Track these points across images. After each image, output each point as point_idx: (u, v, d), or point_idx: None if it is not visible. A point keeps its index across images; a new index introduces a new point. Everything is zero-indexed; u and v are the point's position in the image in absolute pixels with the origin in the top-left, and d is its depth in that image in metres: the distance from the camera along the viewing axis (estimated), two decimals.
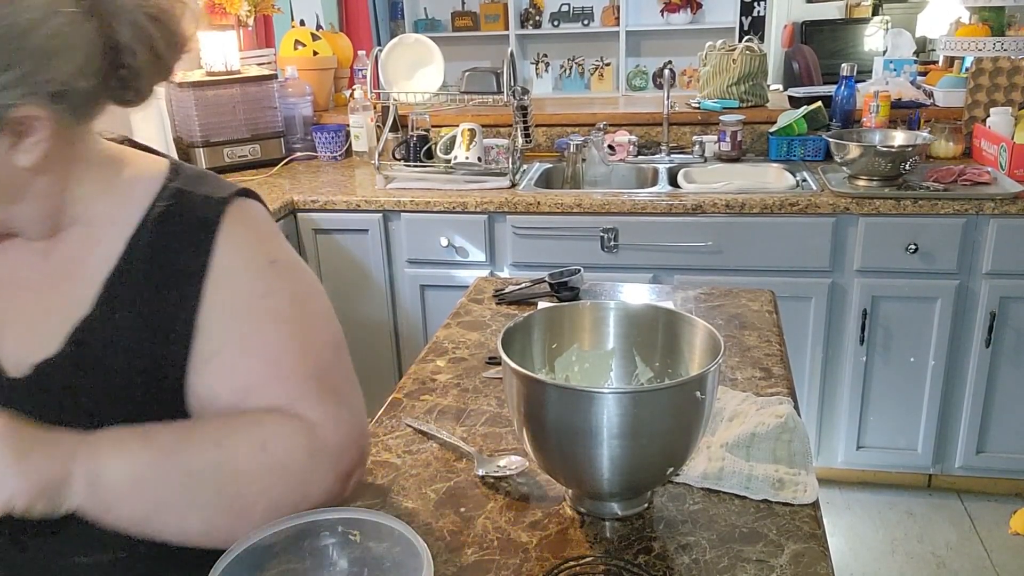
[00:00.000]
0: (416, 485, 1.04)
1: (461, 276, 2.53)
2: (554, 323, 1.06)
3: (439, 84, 2.58)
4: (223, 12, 2.93)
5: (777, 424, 1.06)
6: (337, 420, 0.80)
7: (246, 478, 0.75)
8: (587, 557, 0.89)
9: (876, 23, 5.43)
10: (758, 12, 4.98)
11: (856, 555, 2.34)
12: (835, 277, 2.37)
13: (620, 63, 5.32)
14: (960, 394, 2.43)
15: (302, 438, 0.78)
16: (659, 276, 2.42)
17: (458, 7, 5.47)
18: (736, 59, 2.91)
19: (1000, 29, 2.77)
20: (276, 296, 0.82)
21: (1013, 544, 2.35)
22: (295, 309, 0.83)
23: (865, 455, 2.54)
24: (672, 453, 0.89)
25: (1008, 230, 2.23)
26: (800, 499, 0.97)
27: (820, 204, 2.28)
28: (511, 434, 1.15)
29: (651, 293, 1.69)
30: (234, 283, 0.81)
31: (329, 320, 0.86)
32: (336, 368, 0.84)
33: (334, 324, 0.87)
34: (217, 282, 0.80)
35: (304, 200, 2.54)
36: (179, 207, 0.82)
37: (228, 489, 0.75)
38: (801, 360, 2.45)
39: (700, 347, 0.98)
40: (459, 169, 2.59)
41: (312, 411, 0.79)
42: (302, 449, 0.77)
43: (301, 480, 0.78)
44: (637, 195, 2.43)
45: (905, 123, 2.71)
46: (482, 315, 1.57)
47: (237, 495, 0.76)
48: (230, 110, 2.82)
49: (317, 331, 0.84)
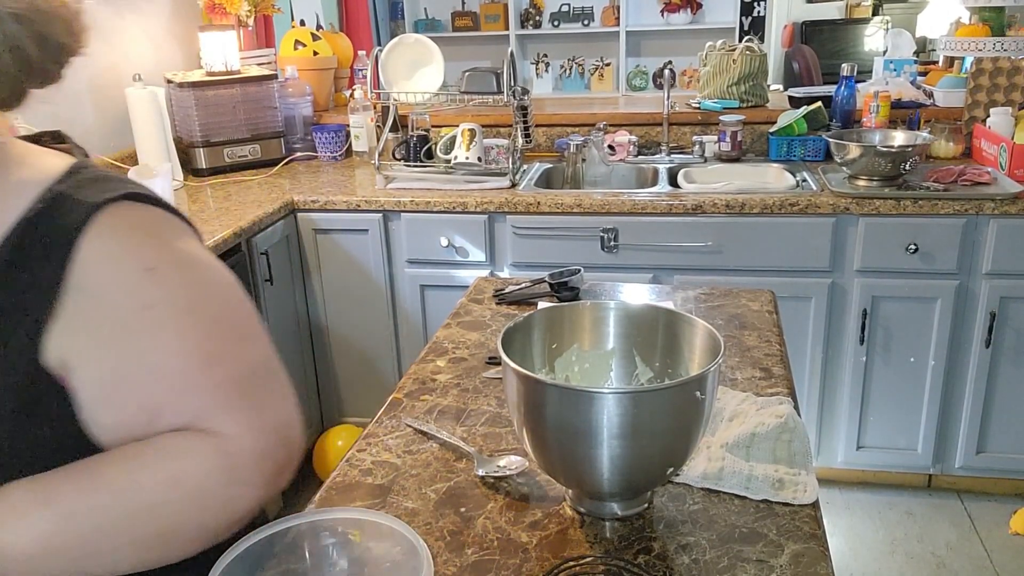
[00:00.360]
0: (416, 485, 1.04)
1: (461, 276, 2.53)
2: (554, 323, 1.06)
3: (439, 84, 2.58)
4: (223, 12, 2.93)
5: (777, 424, 1.06)
6: (252, 427, 0.75)
7: (163, 513, 0.72)
8: (587, 557, 0.89)
9: (876, 23, 5.43)
10: (758, 12, 4.98)
11: (856, 555, 2.34)
12: (835, 277, 2.37)
13: (620, 63, 5.32)
14: (960, 394, 2.43)
15: (215, 460, 0.73)
16: (659, 276, 2.42)
17: (458, 7, 5.47)
18: (736, 59, 2.91)
19: (1000, 29, 2.77)
20: (160, 306, 0.74)
21: (1013, 544, 2.35)
22: (187, 317, 0.75)
23: (865, 455, 2.54)
24: (672, 453, 0.89)
25: (1008, 230, 2.23)
26: (800, 499, 0.97)
27: (820, 204, 2.28)
28: (511, 434, 1.15)
29: (651, 293, 1.69)
30: (102, 300, 0.72)
31: (237, 318, 0.79)
32: (248, 368, 0.77)
33: (244, 321, 0.80)
34: (78, 301, 0.71)
35: (304, 200, 2.54)
36: (46, 215, 0.73)
37: (147, 529, 0.72)
38: (801, 360, 2.45)
39: (700, 347, 0.98)
40: (459, 169, 2.59)
41: (223, 424, 0.74)
42: (217, 472, 0.73)
43: (223, 501, 0.74)
44: (637, 195, 2.43)
45: (905, 123, 2.71)
46: (482, 315, 1.57)
47: (159, 532, 0.72)
48: (230, 110, 2.82)
49: (220, 334, 0.77)
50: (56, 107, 2.42)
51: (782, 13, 5.44)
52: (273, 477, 0.77)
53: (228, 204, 2.47)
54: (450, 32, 5.45)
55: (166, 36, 2.94)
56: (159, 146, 2.59)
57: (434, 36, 2.91)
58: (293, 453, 0.79)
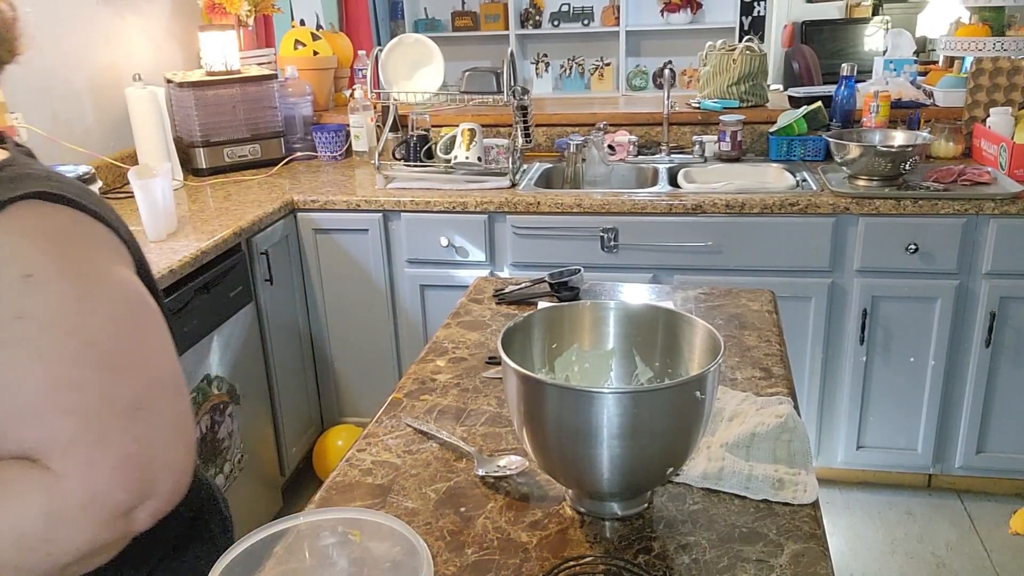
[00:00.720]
0: (416, 485, 1.04)
1: (461, 276, 2.53)
2: (554, 323, 1.06)
3: (439, 84, 2.58)
4: (223, 12, 2.93)
5: (777, 424, 1.06)
6: (91, 465, 0.69)
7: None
8: (587, 557, 0.89)
9: (876, 23, 5.43)
10: (758, 12, 4.99)
11: (856, 555, 2.34)
12: (835, 277, 2.37)
13: (620, 63, 5.32)
14: (960, 394, 2.43)
15: (38, 499, 0.68)
16: (659, 276, 2.42)
17: (458, 7, 5.47)
18: (736, 59, 2.91)
19: (1000, 29, 2.77)
20: (30, 319, 0.69)
21: (1013, 544, 2.35)
22: (54, 334, 0.70)
23: (865, 455, 2.54)
24: (672, 453, 0.89)
25: (1008, 230, 2.23)
26: (800, 499, 0.97)
27: (820, 204, 2.28)
28: (511, 434, 1.15)
29: (651, 293, 1.69)
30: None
31: (118, 344, 0.73)
32: (109, 401, 0.71)
33: (125, 349, 0.73)
34: None
35: (304, 200, 2.54)
36: None
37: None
38: (801, 360, 2.45)
39: (700, 347, 0.98)
40: (459, 169, 2.59)
41: (57, 460, 0.68)
42: (35, 513, 0.68)
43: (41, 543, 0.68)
44: (637, 195, 2.43)
45: (905, 123, 2.71)
46: (482, 315, 1.57)
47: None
48: (230, 110, 2.82)
49: (88, 360, 0.70)
50: (56, 107, 2.42)
51: (782, 13, 5.44)
52: (110, 520, 0.70)
53: (228, 204, 2.47)
54: (450, 32, 5.45)
55: (166, 36, 2.94)
56: (159, 146, 2.59)
57: (434, 36, 2.92)
58: (147, 493, 0.72)
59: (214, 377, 2.11)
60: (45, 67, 2.38)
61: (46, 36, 2.37)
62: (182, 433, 0.76)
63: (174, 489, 0.74)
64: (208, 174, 2.82)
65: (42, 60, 2.36)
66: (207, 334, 2.08)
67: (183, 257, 1.98)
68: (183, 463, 0.75)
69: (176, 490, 0.75)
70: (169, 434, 0.74)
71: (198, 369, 2.04)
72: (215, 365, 2.12)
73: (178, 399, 0.77)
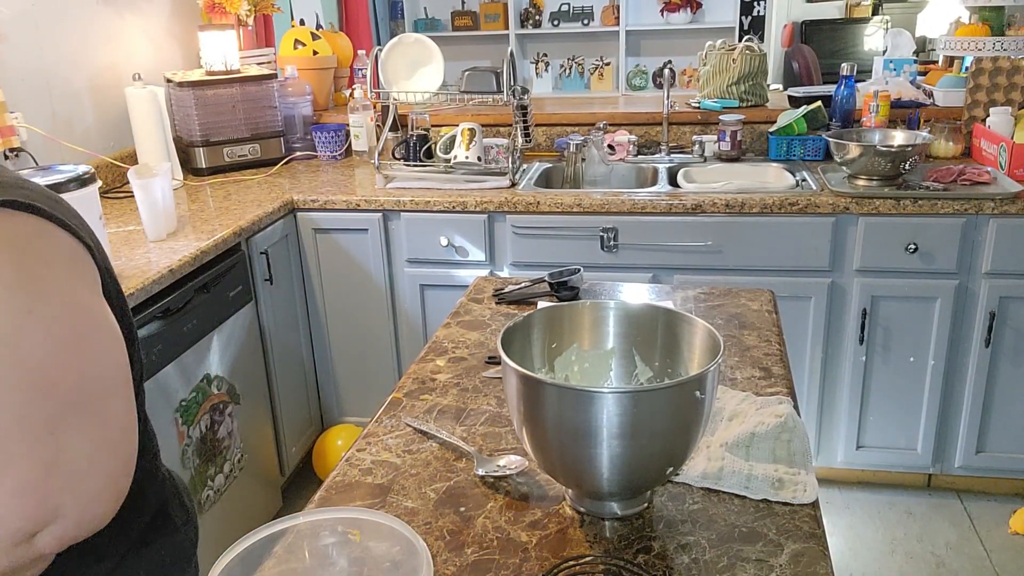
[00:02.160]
0: (416, 485, 1.04)
1: (461, 276, 2.53)
2: (554, 323, 1.06)
3: (439, 84, 2.58)
4: (223, 11, 2.93)
5: (777, 424, 1.06)
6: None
7: None
8: (587, 557, 0.89)
9: (876, 23, 5.44)
10: (758, 12, 4.99)
11: (856, 555, 2.34)
12: (835, 277, 2.37)
13: (620, 63, 5.32)
14: (960, 394, 2.43)
15: None
16: (659, 276, 2.42)
17: (458, 7, 5.47)
18: (736, 59, 2.91)
19: (1000, 29, 2.77)
20: None
21: (1013, 544, 2.35)
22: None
23: (865, 455, 2.54)
24: (672, 453, 0.89)
25: (1008, 230, 2.23)
26: (800, 499, 0.97)
27: (820, 204, 2.28)
28: (511, 434, 1.15)
29: (651, 293, 1.69)
30: None
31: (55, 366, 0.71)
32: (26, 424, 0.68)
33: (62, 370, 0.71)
34: None
35: (304, 200, 2.54)
36: None
37: None
38: (801, 360, 2.45)
39: (700, 347, 0.98)
40: (459, 169, 2.59)
41: None
42: None
43: None
44: (637, 195, 2.43)
45: (905, 123, 2.71)
46: (482, 315, 1.57)
47: None
48: (230, 110, 2.82)
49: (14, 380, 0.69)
50: (56, 107, 2.42)
51: (782, 13, 5.45)
52: (9, 548, 0.69)
53: (228, 203, 2.47)
54: (450, 31, 5.45)
55: (166, 36, 2.94)
56: (159, 146, 2.59)
57: (434, 35, 2.92)
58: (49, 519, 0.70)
59: (214, 377, 2.11)
60: (45, 67, 2.38)
61: (46, 36, 2.37)
62: (105, 459, 0.73)
63: (86, 515, 0.72)
64: (208, 174, 2.82)
65: (42, 60, 2.36)
66: (207, 334, 2.08)
67: (183, 257, 1.98)
68: (100, 490, 0.73)
69: (90, 516, 0.72)
70: (84, 460, 0.71)
71: (198, 368, 2.04)
72: (215, 365, 2.12)
73: (105, 425, 0.74)
